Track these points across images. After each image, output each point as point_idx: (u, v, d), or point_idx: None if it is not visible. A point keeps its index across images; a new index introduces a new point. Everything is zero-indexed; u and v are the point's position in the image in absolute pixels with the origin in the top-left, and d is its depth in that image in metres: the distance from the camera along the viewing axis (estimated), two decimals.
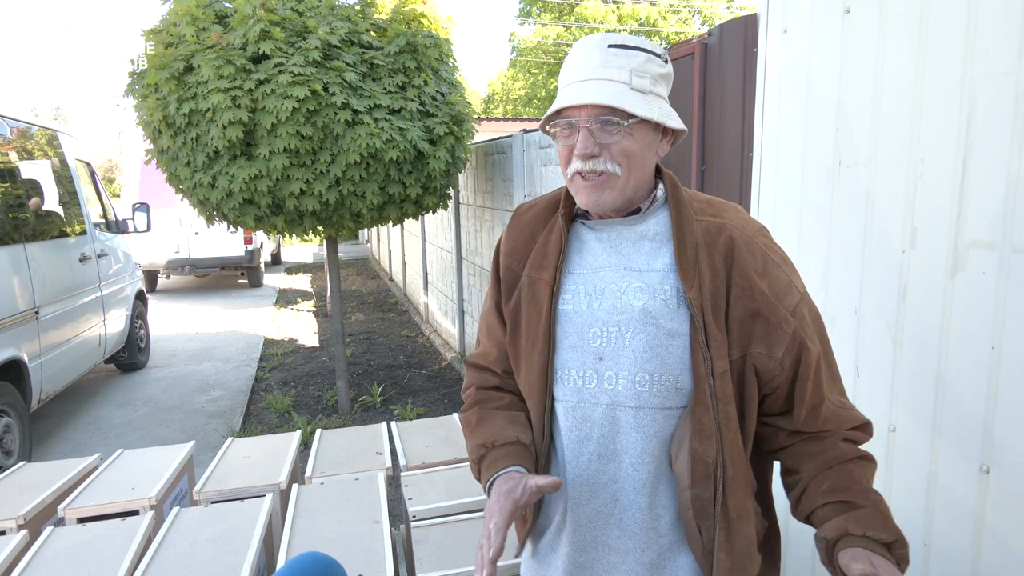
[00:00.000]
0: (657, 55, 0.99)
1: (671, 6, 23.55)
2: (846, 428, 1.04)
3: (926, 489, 1.46)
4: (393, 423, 2.71)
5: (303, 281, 12.69)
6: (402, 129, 4.00)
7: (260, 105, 3.68)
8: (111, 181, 25.39)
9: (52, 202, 4.80)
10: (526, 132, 4.31)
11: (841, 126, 1.64)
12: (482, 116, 12.99)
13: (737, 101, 2.10)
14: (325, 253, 5.51)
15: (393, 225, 4.67)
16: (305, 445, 4.01)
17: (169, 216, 10.36)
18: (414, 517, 1.93)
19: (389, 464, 2.33)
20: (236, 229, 4.66)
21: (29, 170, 4.53)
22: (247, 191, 3.87)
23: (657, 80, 0.99)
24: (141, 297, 6.53)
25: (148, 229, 6.24)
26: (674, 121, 0.99)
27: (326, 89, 3.76)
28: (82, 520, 2.02)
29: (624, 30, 23.01)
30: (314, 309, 9.46)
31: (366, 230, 16.37)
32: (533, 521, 1.14)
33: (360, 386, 5.56)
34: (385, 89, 4.04)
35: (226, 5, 4.02)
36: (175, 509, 1.96)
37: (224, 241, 10.72)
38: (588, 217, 1.08)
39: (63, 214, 4.91)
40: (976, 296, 1.32)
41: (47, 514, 2.13)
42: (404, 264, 9.93)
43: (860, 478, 1.00)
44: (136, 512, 2.07)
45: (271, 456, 2.43)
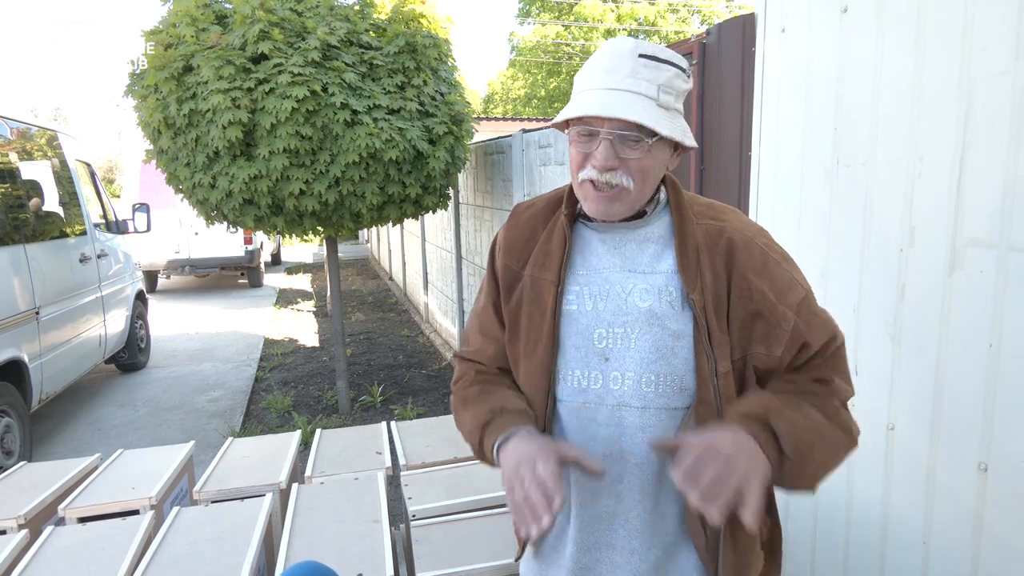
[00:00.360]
0: (683, 70, 0.98)
1: (670, 5, 23.55)
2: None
3: (925, 487, 1.47)
4: (393, 423, 2.71)
5: (303, 281, 12.69)
6: (401, 129, 4.00)
7: (260, 105, 3.69)
8: (111, 181, 25.39)
9: (52, 202, 4.81)
10: (525, 132, 4.31)
11: (839, 125, 1.64)
12: (481, 116, 13.00)
13: (735, 100, 2.10)
14: (325, 253, 5.51)
15: (393, 225, 4.68)
16: (305, 445, 4.01)
17: (169, 216, 10.36)
18: (414, 516, 1.93)
19: (389, 464, 2.33)
20: (236, 229, 4.67)
21: (29, 171, 4.54)
22: (247, 191, 3.88)
23: (679, 96, 0.98)
24: (141, 297, 6.53)
25: (148, 229, 6.24)
26: (689, 139, 0.98)
27: (325, 89, 3.77)
28: (82, 520, 2.02)
29: (623, 29, 23.00)
30: (314, 309, 9.46)
31: (366, 230, 16.37)
32: None
33: (360, 386, 5.56)
34: (384, 89, 4.04)
35: (225, 6, 4.02)
36: (175, 509, 1.96)
37: (224, 241, 10.71)
38: (590, 218, 1.08)
39: (63, 214, 4.92)
40: (974, 294, 1.32)
41: (48, 514, 2.13)
42: (404, 264, 9.93)
43: (806, 406, 0.98)
44: (136, 512, 2.07)
45: (271, 456, 2.44)
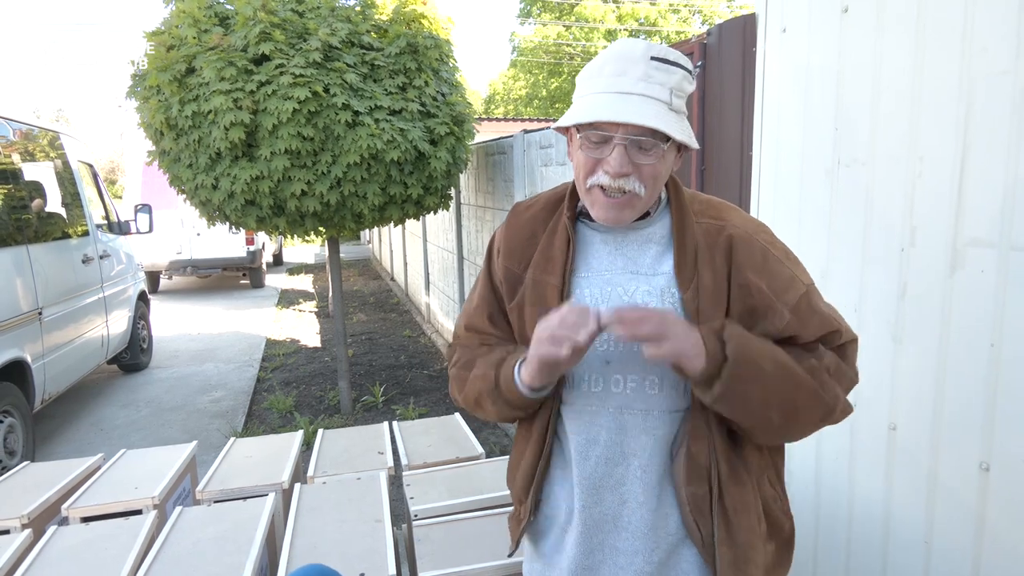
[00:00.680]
0: (690, 71, 0.97)
1: (671, 5, 23.54)
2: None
3: (927, 487, 1.47)
4: (395, 423, 2.72)
5: (305, 282, 12.70)
6: (403, 130, 4.01)
7: (261, 106, 3.69)
8: (113, 182, 25.43)
9: (55, 204, 4.81)
10: (527, 132, 4.32)
11: (840, 125, 1.64)
12: (483, 116, 13.00)
13: (736, 100, 2.10)
14: (327, 254, 5.52)
15: (394, 226, 4.68)
16: (307, 445, 4.01)
17: (171, 217, 10.36)
18: (416, 516, 1.93)
19: (391, 463, 2.33)
20: (238, 230, 4.67)
21: (32, 172, 4.55)
22: (249, 192, 3.88)
23: (685, 98, 0.98)
24: (143, 298, 6.54)
25: (150, 230, 6.24)
26: (694, 142, 0.98)
27: (327, 90, 3.77)
28: (86, 519, 2.03)
29: (624, 30, 22.99)
30: (316, 310, 9.47)
31: (367, 231, 16.37)
32: (529, 519, 1.14)
33: (362, 386, 5.56)
34: (386, 90, 4.05)
35: (227, 7, 4.03)
36: (178, 508, 1.97)
37: (226, 242, 10.72)
38: (591, 218, 1.06)
39: (66, 215, 4.93)
40: (975, 294, 1.32)
41: (51, 513, 2.14)
42: (405, 264, 9.94)
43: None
44: (139, 511, 2.07)
45: (273, 456, 2.44)
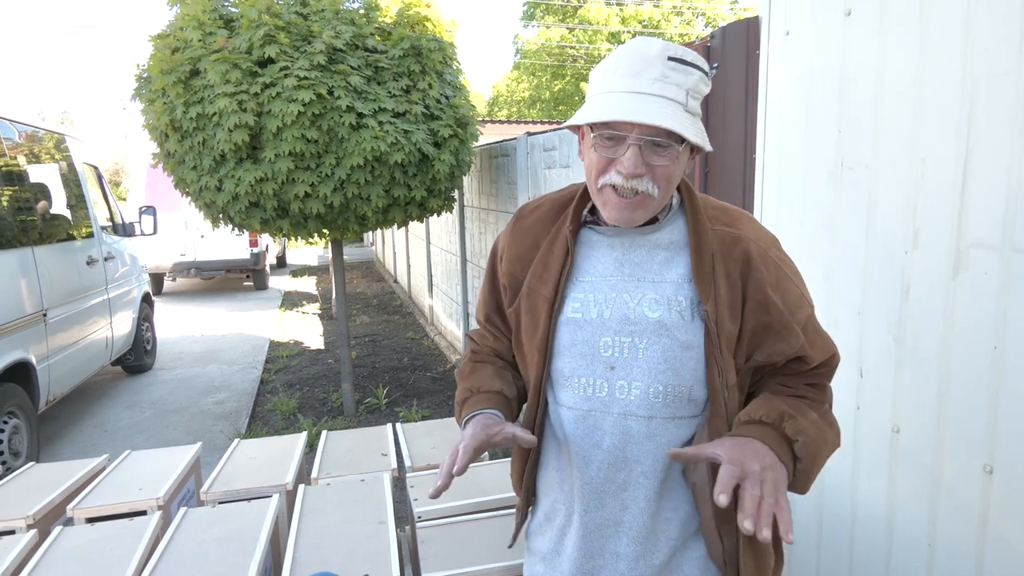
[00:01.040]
0: (706, 73, 0.96)
1: (674, 8, 23.56)
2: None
3: (930, 490, 1.47)
4: (398, 425, 2.72)
5: (308, 284, 12.72)
6: (407, 132, 4.02)
7: (266, 109, 3.71)
8: (117, 184, 25.52)
9: (60, 205, 4.84)
10: (530, 135, 4.33)
11: (843, 127, 1.64)
12: (486, 118, 13.02)
13: (740, 103, 2.11)
14: (330, 256, 5.53)
15: (398, 228, 4.69)
16: (311, 447, 4.02)
17: (175, 219, 10.39)
18: (419, 518, 1.93)
19: (394, 465, 2.34)
20: (241, 232, 4.68)
21: (37, 174, 4.57)
22: (253, 194, 3.90)
23: (701, 99, 0.97)
24: (147, 300, 6.56)
25: (154, 232, 6.26)
26: (708, 144, 0.97)
27: (331, 93, 3.79)
28: (91, 520, 2.04)
29: (628, 32, 23.01)
30: (319, 312, 9.48)
31: (371, 233, 16.40)
32: (525, 513, 1.14)
33: (365, 388, 5.57)
34: (390, 92, 4.06)
35: (232, 10, 4.05)
36: (182, 509, 1.98)
37: (229, 244, 10.75)
38: (598, 221, 1.06)
39: (71, 217, 4.95)
40: (978, 296, 1.32)
41: (56, 514, 2.15)
42: (409, 266, 9.95)
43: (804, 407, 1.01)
44: (144, 512, 2.08)
45: (277, 457, 2.45)
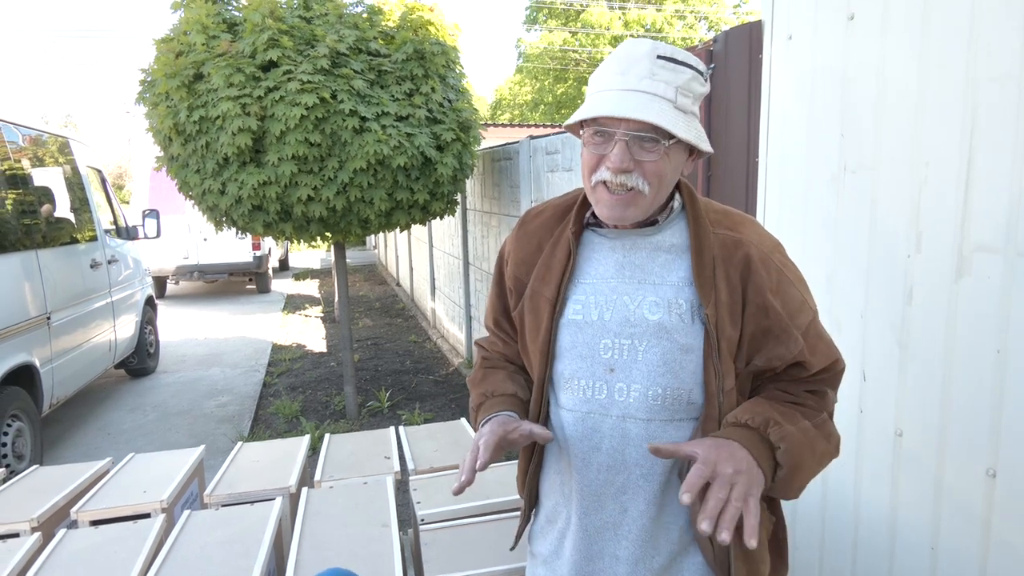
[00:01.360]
0: (701, 72, 0.96)
1: (677, 12, 23.59)
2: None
3: (933, 493, 1.46)
4: (401, 428, 2.72)
5: (311, 287, 12.74)
6: (409, 135, 4.03)
7: (269, 112, 3.72)
8: (121, 187, 25.59)
9: (64, 209, 4.86)
10: (533, 138, 4.34)
11: (846, 131, 1.65)
12: (489, 122, 13.04)
13: (742, 107, 2.11)
14: (333, 259, 5.54)
15: (400, 231, 4.69)
16: (313, 450, 4.03)
17: (178, 222, 10.41)
18: (422, 521, 1.94)
19: (397, 468, 2.34)
20: (245, 235, 4.69)
21: (41, 177, 4.59)
22: (256, 197, 3.91)
23: (696, 99, 0.97)
24: (151, 303, 6.58)
25: (158, 235, 6.28)
26: (705, 144, 0.97)
27: (334, 96, 3.80)
28: (95, 523, 2.04)
29: (630, 36, 23.05)
30: (322, 315, 9.49)
31: (373, 236, 16.42)
32: (528, 514, 1.14)
33: (368, 391, 5.57)
34: (393, 96, 4.07)
35: (235, 14, 4.07)
36: (186, 512, 1.98)
37: (232, 247, 10.77)
38: (600, 224, 1.06)
39: (74, 220, 4.97)
40: (981, 300, 1.32)
41: (60, 517, 2.15)
42: (411, 270, 9.96)
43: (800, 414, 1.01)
44: (148, 515, 2.09)
45: (280, 460, 2.45)
